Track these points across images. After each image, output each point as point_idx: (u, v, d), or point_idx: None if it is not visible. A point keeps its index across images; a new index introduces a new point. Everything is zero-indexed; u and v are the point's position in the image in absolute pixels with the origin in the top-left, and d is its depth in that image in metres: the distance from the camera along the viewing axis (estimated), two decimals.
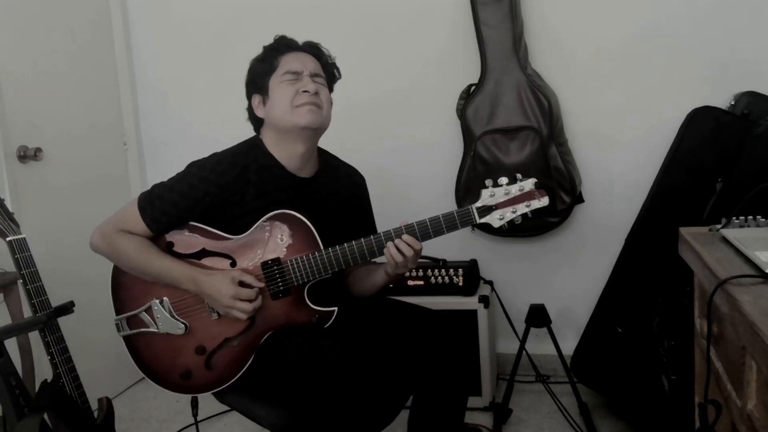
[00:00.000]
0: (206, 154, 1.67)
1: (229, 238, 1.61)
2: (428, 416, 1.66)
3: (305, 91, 1.60)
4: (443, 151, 2.61)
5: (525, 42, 2.45)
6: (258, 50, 1.62)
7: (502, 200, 1.51)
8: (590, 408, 2.25)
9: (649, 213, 2.23)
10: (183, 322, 1.60)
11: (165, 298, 1.62)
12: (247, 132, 1.78)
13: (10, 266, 1.84)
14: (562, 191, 2.38)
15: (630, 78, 2.44)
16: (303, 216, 1.57)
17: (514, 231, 1.62)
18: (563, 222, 2.46)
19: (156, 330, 1.62)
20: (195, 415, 1.76)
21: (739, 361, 1.02)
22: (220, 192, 1.59)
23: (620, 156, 2.49)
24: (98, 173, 2.72)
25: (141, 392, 2.78)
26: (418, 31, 2.60)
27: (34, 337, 1.91)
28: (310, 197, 1.67)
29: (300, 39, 1.72)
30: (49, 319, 1.68)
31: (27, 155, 2.34)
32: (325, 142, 1.75)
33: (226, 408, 2.46)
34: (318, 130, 1.65)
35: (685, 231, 1.45)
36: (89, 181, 2.66)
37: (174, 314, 1.61)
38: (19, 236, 1.69)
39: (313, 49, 1.69)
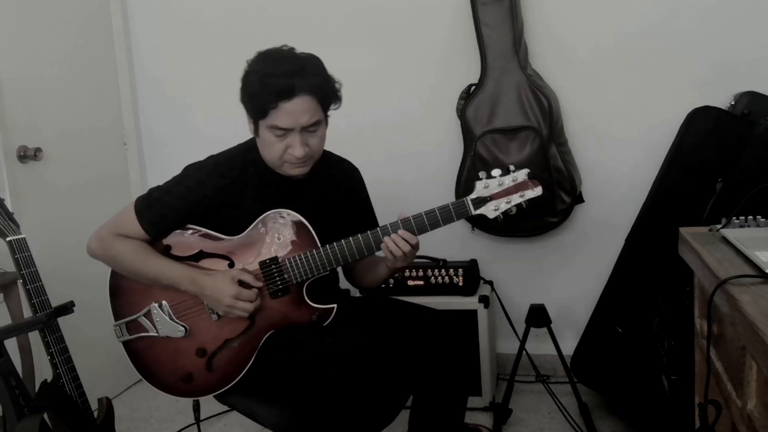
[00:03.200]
0: (207, 154, 1.67)
1: (226, 239, 1.61)
2: (428, 416, 1.66)
3: (293, 154, 1.53)
4: (443, 151, 2.61)
5: (525, 42, 2.45)
6: (258, 48, 1.55)
7: (496, 191, 1.52)
8: (590, 408, 2.25)
9: (649, 213, 2.23)
10: (182, 325, 1.60)
11: (164, 301, 1.62)
12: (248, 131, 1.78)
13: (10, 266, 1.84)
14: (562, 191, 2.38)
15: (630, 78, 2.44)
16: (299, 214, 1.58)
17: (514, 231, 1.62)
18: (563, 222, 2.46)
19: (156, 334, 1.62)
20: (197, 418, 1.75)
21: (739, 361, 1.02)
22: (218, 195, 1.59)
23: (620, 156, 2.49)
24: (98, 173, 2.72)
25: (141, 392, 2.78)
26: (418, 31, 2.60)
27: (34, 337, 1.91)
28: (309, 195, 1.67)
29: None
30: (49, 319, 1.68)
31: (27, 155, 2.34)
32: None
33: (226, 408, 2.45)
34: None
35: (685, 231, 1.45)
36: (89, 181, 2.66)
37: (173, 317, 1.61)
38: (19, 236, 1.69)
39: (312, 89, 1.51)
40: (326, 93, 1.55)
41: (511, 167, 1.52)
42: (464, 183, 2.48)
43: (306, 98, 1.50)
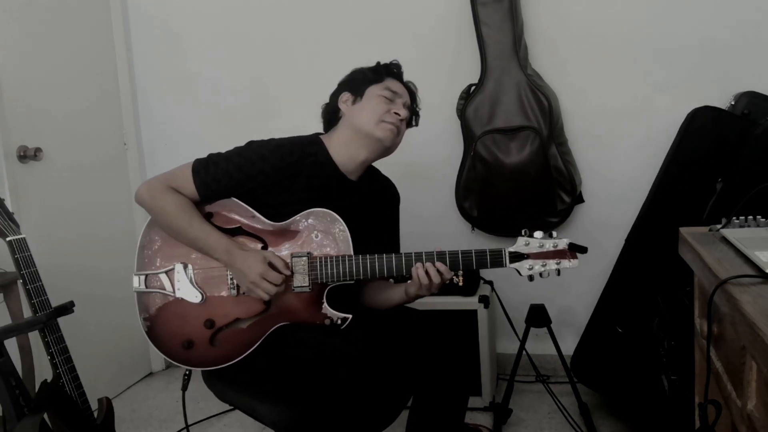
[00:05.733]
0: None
1: (267, 222, 1.62)
2: (428, 416, 1.66)
3: (396, 113, 1.68)
4: (443, 151, 2.61)
5: (525, 42, 2.45)
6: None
7: (534, 251, 1.56)
8: (590, 408, 2.25)
9: (649, 213, 2.23)
10: (201, 292, 1.61)
11: (189, 265, 1.63)
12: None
13: (10, 266, 1.84)
14: (562, 191, 2.39)
15: (630, 78, 2.44)
16: (343, 220, 1.59)
17: (514, 231, 1.63)
18: (563, 222, 2.46)
19: (172, 294, 1.63)
20: (184, 389, 1.74)
21: (739, 361, 1.02)
22: (274, 174, 1.61)
23: (620, 156, 2.49)
24: (98, 173, 2.72)
25: (141, 392, 2.78)
26: (418, 30, 2.60)
27: (34, 337, 1.91)
28: (352, 200, 1.69)
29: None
30: (49, 319, 1.68)
31: (27, 155, 2.34)
32: None
33: (226, 408, 2.46)
34: (386, 150, 1.72)
35: (685, 231, 1.45)
36: (89, 181, 2.66)
37: (194, 282, 1.62)
38: (19, 236, 1.69)
39: (410, 89, 1.80)
40: (415, 105, 1.81)
41: (554, 233, 1.57)
42: (464, 183, 2.48)
43: (406, 91, 1.77)
